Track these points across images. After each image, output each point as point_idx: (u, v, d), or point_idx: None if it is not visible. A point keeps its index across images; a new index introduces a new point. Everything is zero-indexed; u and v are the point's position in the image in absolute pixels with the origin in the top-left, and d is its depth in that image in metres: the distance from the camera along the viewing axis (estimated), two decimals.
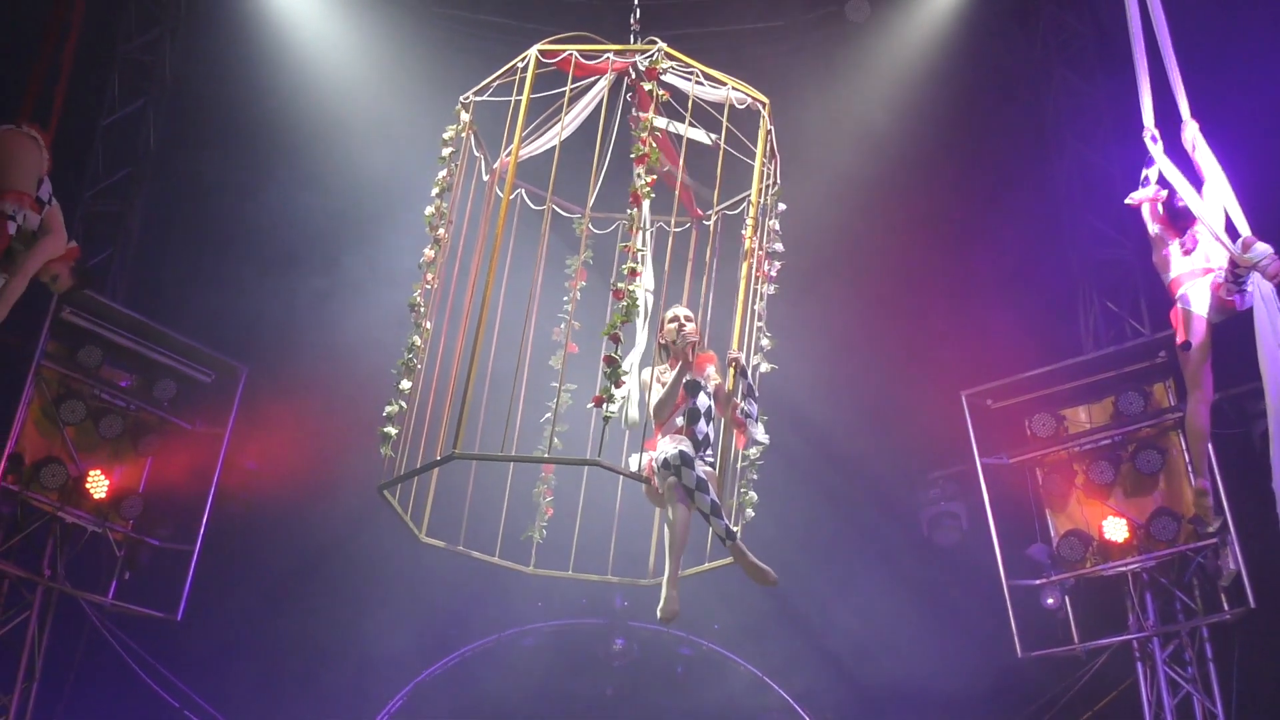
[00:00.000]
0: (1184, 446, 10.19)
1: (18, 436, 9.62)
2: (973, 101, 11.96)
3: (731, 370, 6.16)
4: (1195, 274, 6.84)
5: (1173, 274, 7.04)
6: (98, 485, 10.04)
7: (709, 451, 6.13)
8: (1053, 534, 10.58)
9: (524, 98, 6.34)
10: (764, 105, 6.68)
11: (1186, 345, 6.96)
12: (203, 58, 11.55)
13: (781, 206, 6.88)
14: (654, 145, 6.19)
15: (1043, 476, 10.82)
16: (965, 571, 11.01)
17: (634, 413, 6.36)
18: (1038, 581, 10.40)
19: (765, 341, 6.57)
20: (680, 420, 6.17)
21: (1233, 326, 7.53)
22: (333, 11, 11.61)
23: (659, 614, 6.06)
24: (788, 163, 6.96)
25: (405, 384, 6.38)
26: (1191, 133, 6.86)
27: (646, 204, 6.28)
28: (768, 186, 6.82)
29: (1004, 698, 10.99)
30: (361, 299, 11.39)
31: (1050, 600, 10.35)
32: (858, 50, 11.93)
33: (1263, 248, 6.41)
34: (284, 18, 11.50)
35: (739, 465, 6.36)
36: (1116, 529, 10.22)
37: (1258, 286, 6.68)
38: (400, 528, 11.24)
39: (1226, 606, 9.71)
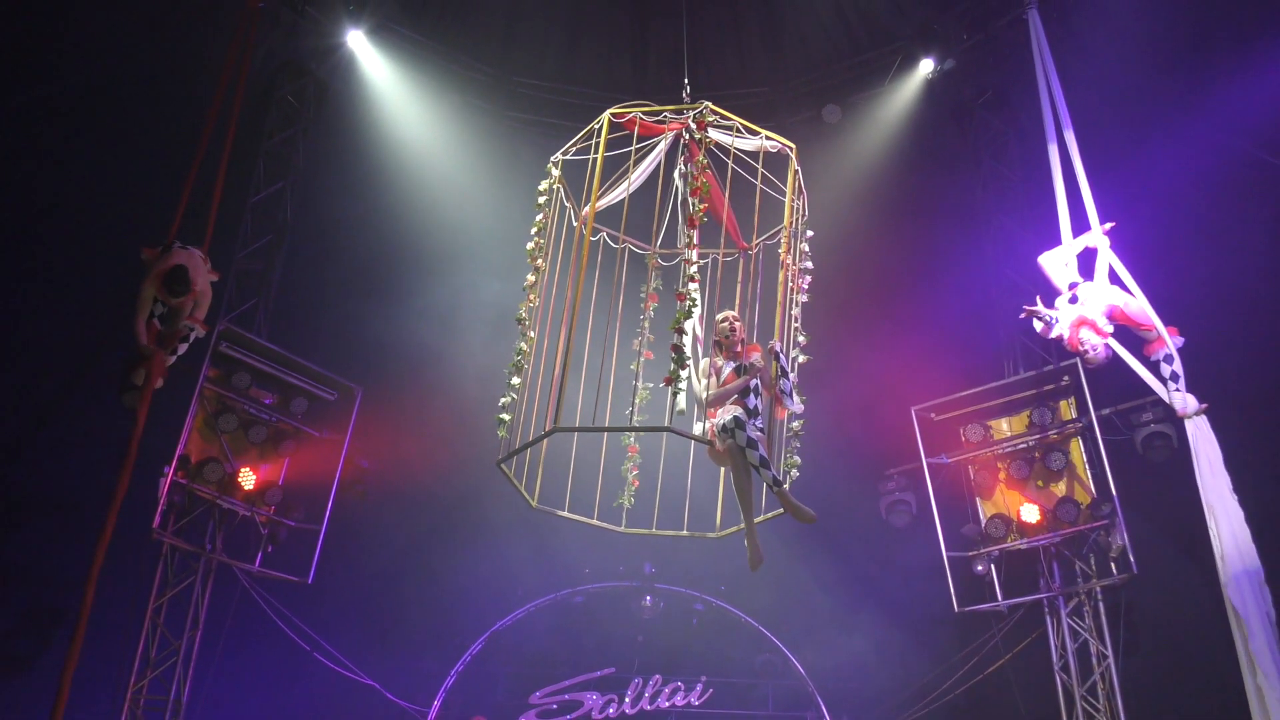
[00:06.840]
0: (1083, 450, 10.57)
1: (186, 442, 10.06)
2: (920, 184, 12.29)
3: (771, 357, 6.20)
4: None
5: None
6: (247, 479, 10.46)
7: (758, 420, 6.13)
8: (982, 517, 10.81)
9: (599, 153, 6.33)
10: (792, 149, 6.66)
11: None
12: (328, 150, 11.95)
13: (810, 233, 6.84)
14: (705, 181, 6.21)
15: (974, 473, 11.00)
16: (914, 546, 11.20)
17: (682, 403, 6.18)
18: (970, 553, 10.60)
19: (801, 338, 6.55)
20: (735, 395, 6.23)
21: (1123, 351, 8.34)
22: (427, 115, 12.12)
23: (750, 565, 6.06)
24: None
25: (515, 380, 6.42)
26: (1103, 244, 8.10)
27: (698, 228, 6.36)
28: (798, 216, 6.78)
29: (943, 643, 11.20)
30: (451, 336, 11.73)
31: (980, 568, 10.52)
32: (832, 145, 12.15)
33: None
34: (387, 118, 12.00)
35: (784, 435, 6.32)
36: (1031, 513, 10.54)
37: (1196, 428, 7.63)
38: (478, 512, 11.12)
39: (1115, 572, 10.04)
